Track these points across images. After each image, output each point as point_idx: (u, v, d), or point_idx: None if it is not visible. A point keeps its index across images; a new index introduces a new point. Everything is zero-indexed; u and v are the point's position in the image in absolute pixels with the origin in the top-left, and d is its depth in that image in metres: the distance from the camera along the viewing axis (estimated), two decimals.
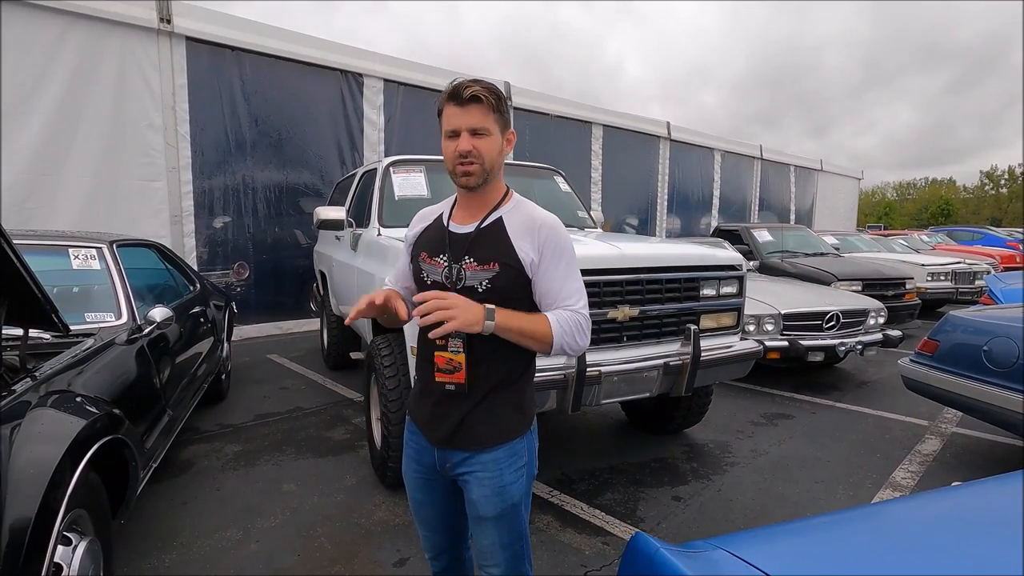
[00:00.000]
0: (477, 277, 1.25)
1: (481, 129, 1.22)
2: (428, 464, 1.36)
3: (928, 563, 0.82)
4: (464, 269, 1.26)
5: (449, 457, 1.31)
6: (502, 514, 1.30)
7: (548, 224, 1.28)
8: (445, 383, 1.27)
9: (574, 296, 1.28)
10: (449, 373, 1.26)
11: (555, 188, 4.11)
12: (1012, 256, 12.04)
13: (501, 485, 1.28)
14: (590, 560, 2.26)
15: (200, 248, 6.17)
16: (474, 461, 1.29)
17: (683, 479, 3.01)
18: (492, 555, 1.33)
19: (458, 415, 1.27)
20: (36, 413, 1.60)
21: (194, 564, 2.21)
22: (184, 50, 5.85)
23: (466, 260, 1.26)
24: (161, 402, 2.56)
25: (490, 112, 1.22)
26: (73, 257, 2.63)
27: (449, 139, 1.24)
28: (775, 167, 15.07)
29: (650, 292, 2.67)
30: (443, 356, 1.25)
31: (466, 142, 1.21)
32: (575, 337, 1.25)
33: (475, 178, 1.24)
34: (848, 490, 2.90)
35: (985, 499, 1.04)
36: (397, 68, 7.51)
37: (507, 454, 1.29)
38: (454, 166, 1.24)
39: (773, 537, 0.96)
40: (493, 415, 1.28)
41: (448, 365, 1.25)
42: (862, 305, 4.81)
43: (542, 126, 9.28)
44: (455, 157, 1.23)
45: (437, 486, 1.38)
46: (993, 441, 3.56)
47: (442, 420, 1.29)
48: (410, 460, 1.40)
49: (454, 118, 1.22)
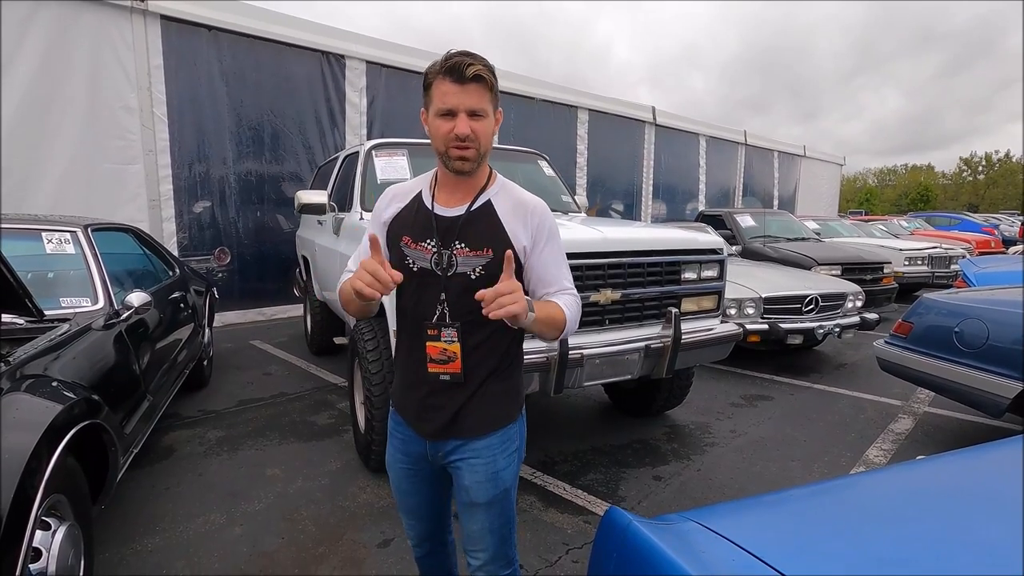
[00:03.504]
0: (470, 263, 1.19)
1: (480, 111, 1.14)
2: (416, 454, 1.33)
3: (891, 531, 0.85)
4: (455, 255, 1.19)
5: (441, 447, 1.28)
6: (494, 499, 1.29)
7: (540, 208, 1.26)
8: (439, 374, 1.22)
9: (568, 279, 1.29)
10: (443, 363, 1.21)
11: (539, 172, 4.10)
12: (987, 241, 12.31)
13: (495, 471, 1.27)
14: (572, 538, 2.31)
15: (180, 233, 6.07)
16: (467, 448, 1.27)
17: (664, 459, 3.07)
18: (481, 540, 1.32)
19: (453, 406, 1.24)
20: (11, 398, 1.58)
21: (177, 548, 2.21)
22: (159, 29, 5.69)
23: (457, 246, 1.19)
24: (140, 388, 2.54)
25: (487, 92, 1.15)
26: (47, 241, 2.58)
27: (443, 118, 1.14)
28: (759, 153, 15.16)
29: (632, 276, 2.70)
30: (436, 346, 1.20)
31: (465, 125, 1.12)
32: (577, 321, 1.28)
33: (471, 163, 1.17)
34: (824, 468, 2.98)
35: (946, 471, 1.08)
36: (380, 50, 7.39)
37: (500, 440, 1.28)
38: (447, 148, 1.15)
39: (743, 509, 0.98)
40: (487, 403, 1.26)
41: (442, 355, 1.21)
42: (841, 289, 4.90)
43: (527, 110, 9.22)
44: (450, 139, 1.14)
45: (424, 475, 1.36)
46: (963, 420, 3.67)
47: (435, 412, 1.25)
48: (396, 451, 1.37)
49: (451, 97, 1.12)
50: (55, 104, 5.16)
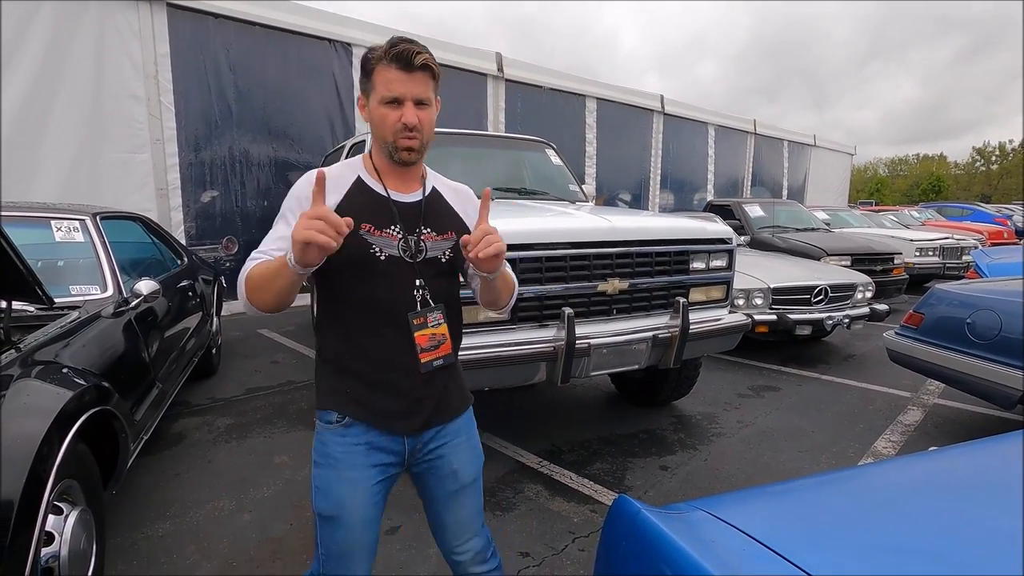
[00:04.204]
0: (440, 248, 1.19)
1: (426, 100, 1.12)
2: (389, 460, 1.20)
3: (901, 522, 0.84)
4: (424, 240, 1.18)
5: (421, 439, 1.22)
6: (478, 474, 1.31)
7: (471, 192, 1.32)
8: (432, 360, 1.17)
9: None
10: (435, 349, 1.17)
11: (546, 161, 4.07)
12: (1000, 232, 12.16)
13: (475, 444, 1.31)
14: (578, 527, 2.31)
15: (188, 222, 6.09)
16: (445, 432, 1.24)
17: (670, 449, 3.07)
18: (471, 523, 1.30)
19: (436, 392, 1.21)
20: (22, 384, 1.59)
21: (187, 533, 2.24)
22: (165, 17, 5.68)
23: (424, 231, 1.18)
24: (150, 375, 2.56)
25: (432, 81, 1.13)
26: (56, 229, 2.59)
27: (388, 106, 1.10)
28: (768, 142, 15.01)
29: (640, 265, 2.68)
30: (425, 334, 1.16)
31: (412, 114, 1.10)
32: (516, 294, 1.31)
33: (416, 154, 1.15)
34: (831, 459, 2.97)
35: (961, 461, 1.06)
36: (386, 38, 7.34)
37: (470, 412, 1.32)
38: (396, 138, 1.12)
39: (752, 499, 0.98)
40: (458, 380, 1.28)
41: (432, 341, 1.17)
42: (850, 280, 4.85)
43: (535, 98, 9.15)
44: (399, 129, 1.11)
45: (388, 484, 1.23)
46: (973, 412, 3.64)
47: (422, 404, 1.19)
48: (357, 468, 1.17)
49: (398, 84, 1.09)
50: (62, 93, 5.17)
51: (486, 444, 3.09)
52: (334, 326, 1.19)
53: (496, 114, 8.74)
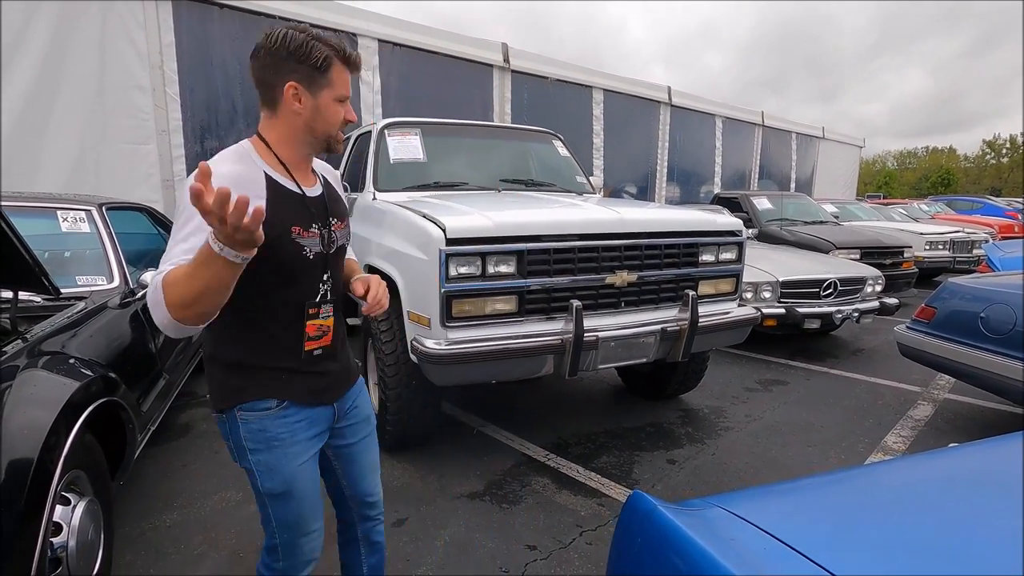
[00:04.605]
0: (344, 235, 1.32)
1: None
2: (324, 429, 1.31)
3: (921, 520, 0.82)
4: (334, 231, 1.27)
5: (342, 403, 1.35)
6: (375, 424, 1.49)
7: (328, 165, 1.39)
8: (314, 350, 1.25)
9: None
10: (318, 339, 1.26)
11: (553, 152, 4.03)
12: (1011, 226, 12.02)
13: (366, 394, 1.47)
14: (585, 521, 2.30)
15: None
16: (351, 392, 1.38)
17: (678, 443, 3.05)
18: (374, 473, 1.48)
19: (345, 360, 1.36)
20: (29, 375, 1.59)
21: (195, 524, 2.24)
22: (170, 7, 5.63)
23: (333, 222, 1.27)
24: (157, 366, 2.55)
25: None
26: (62, 219, 2.58)
27: (337, 103, 1.19)
28: (776, 134, 14.84)
29: (649, 257, 2.65)
30: (314, 324, 1.24)
31: (351, 111, 1.23)
32: None
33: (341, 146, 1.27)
34: (840, 454, 2.95)
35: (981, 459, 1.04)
36: (393, 28, 7.28)
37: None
38: (336, 133, 1.22)
39: (768, 495, 0.96)
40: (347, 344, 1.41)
41: (318, 331, 1.25)
42: (860, 273, 4.80)
43: (541, 90, 9.07)
44: (340, 125, 1.22)
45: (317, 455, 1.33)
46: (984, 407, 3.60)
47: (338, 375, 1.32)
48: (302, 444, 1.25)
49: (348, 85, 1.22)
50: (67, 83, 5.14)
51: (492, 437, 3.08)
52: (252, 326, 1.18)
53: (502, 105, 8.67)
